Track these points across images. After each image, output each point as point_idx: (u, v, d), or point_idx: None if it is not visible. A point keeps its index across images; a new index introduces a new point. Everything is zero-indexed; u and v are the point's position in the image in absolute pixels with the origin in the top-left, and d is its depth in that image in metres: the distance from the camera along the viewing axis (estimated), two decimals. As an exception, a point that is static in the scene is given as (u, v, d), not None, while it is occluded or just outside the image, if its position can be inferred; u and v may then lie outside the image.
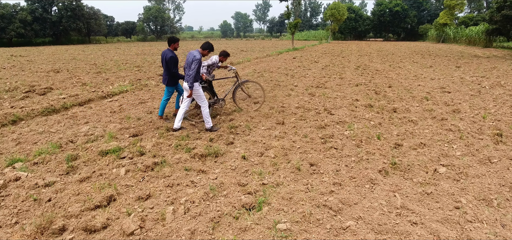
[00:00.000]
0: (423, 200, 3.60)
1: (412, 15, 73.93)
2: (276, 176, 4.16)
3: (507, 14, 32.99)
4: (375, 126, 6.34)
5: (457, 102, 8.26)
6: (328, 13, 53.88)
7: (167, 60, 5.97)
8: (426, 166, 4.47)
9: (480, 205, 3.47)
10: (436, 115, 7.03)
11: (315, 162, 4.56)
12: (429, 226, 3.06)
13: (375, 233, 2.99)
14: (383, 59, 21.38)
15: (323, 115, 7.10)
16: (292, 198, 3.58)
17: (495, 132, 5.77)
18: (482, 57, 22.59)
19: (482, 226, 3.08)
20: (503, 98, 8.79)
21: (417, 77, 12.98)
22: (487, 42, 39.59)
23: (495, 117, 6.89)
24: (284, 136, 5.78)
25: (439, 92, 9.68)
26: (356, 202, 3.51)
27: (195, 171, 4.30)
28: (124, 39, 67.50)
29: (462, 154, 4.92)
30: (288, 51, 28.65)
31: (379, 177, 4.12)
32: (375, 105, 7.97)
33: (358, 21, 77.33)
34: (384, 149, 5.12)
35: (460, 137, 5.64)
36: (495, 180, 4.06)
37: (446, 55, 24.09)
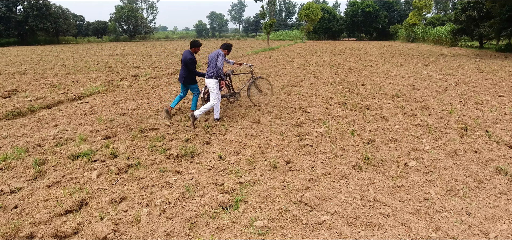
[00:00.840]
0: (394, 193, 3.72)
1: (383, 15, 76.26)
2: (252, 174, 4.17)
3: (471, 15, 34.69)
4: (349, 123, 6.49)
5: (426, 99, 8.61)
6: (303, 13, 54.58)
7: (187, 61, 6.40)
8: (397, 160, 4.63)
9: (447, 196, 3.63)
10: (406, 111, 7.29)
11: (291, 159, 4.61)
12: (401, 217, 3.17)
13: (350, 226, 3.06)
14: (356, 58, 21.92)
15: (299, 113, 7.19)
16: (269, 196, 3.60)
17: (460, 126, 6.05)
18: (449, 56, 23.64)
19: (449, 216, 3.22)
20: (468, 94, 9.24)
21: (388, 75, 13.41)
22: (453, 42, 41.43)
23: (461, 112, 7.24)
24: (261, 134, 5.81)
25: (409, 90, 10.04)
26: (331, 197, 3.59)
27: (170, 172, 4.24)
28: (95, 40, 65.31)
29: (431, 147, 5.14)
30: (264, 51, 28.80)
31: (353, 172, 4.22)
32: (349, 103, 8.16)
33: (332, 21, 78.88)
34: (357, 145, 5.25)
35: (428, 132, 5.88)
36: (461, 171, 4.26)
37: (415, 54, 25.03)
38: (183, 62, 6.50)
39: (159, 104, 8.02)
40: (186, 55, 6.45)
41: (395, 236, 2.89)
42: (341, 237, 2.88)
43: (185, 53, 6.52)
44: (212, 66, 6.22)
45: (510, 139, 5.37)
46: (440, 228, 2.98)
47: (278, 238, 2.89)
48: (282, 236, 2.92)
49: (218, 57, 6.22)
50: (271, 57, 21.98)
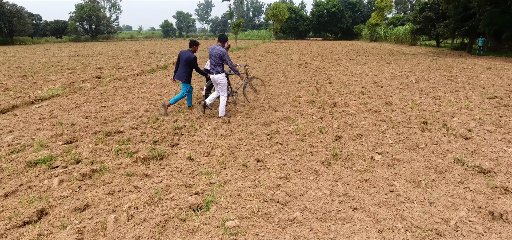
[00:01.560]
0: (362, 187, 3.84)
1: (347, 16, 78.67)
2: (223, 175, 4.13)
3: (428, 16, 36.64)
4: (317, 120, 6.61)
5: (389, 95, 8.97)
6: (270, 13, 55.07)
7: (192, 60, 6.62)
8: (364, 155, 4.78)
9: (411, 187, 3.80)
10: (371, 108, 7.55)
11: (261, 158, 4.62)
12: (368, 210, 3.27)
13: (320, 221, 3.12)
14: (322, 57, 22.42)
15: (268, 112, 7.23)
16: (240, 195, 3.58)
17: (421, 121, 6.36)
18: (409, 54, 24.83)
19: (413, 206, 3.37)
20: (427, 90, 9.75)
21: (354, 73, 13.84)
22: (412, 41, 43.57)
23: (421, 107, 7.61)
24: (231, 134, 5.77)
25: (373, 87, 10.42)
26: (301, 194, 3.63)
27: (138, 175, 4.10)
28: (54, 40, 61.79)
29: (395, 142, 5.35)
30: (232, 51, 28.72)
31: (322, 168, 4.30)
32: (317, 100, 8.33)
33: (299, 21, 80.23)
34: (326, 142, 5.36)
35: (392, 127, 6.12)
36: (423, 163, 4.48)
37: (378, 53, 26.05)
38: (186, 62, 6.65)
39: (125, 106, 7.74)
40: (189, 55, 6.65)
41: (364, 228, 2.98)
42: (312, 233, 2.93)
43: (187, 53, 6.68)
44: (215, 62, 6.45)
45: (466, 131, 5.72)
46: (405, 218, 3.11)
47: (250, 237, 2.88)
48: (254, 235, 2.91)
49: (223, 56, 6.39)
50: (240, 57, 21.97)
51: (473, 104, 7.87)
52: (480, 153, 4.82)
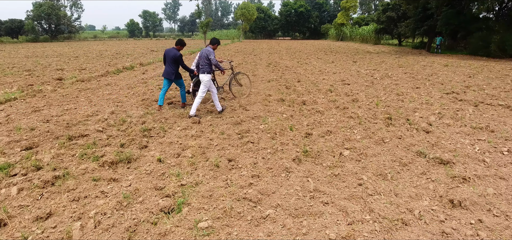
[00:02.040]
0: (332, 182, 3.94)
1: (314, 15, 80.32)
2: (194, 175, 4.08)
3: (390, 16, 38.20)
4: (287, 118, 6.70)
5: (355, 93, 9.27)
6: (239, 12, 55.07)
7: (178, 58, 6.92)
8: (333, 151, 4.90)
9: (377, 180, 3.95)
10: (339, 105, 7.76)
11: (233, 157, 4.61)
12: (338, 204, 3.36)
13: (293, 217, 3.16)
14: (291, 56, 22.73)
15: (239, 111, 7.22)
16: (212, 195, 3.55)
17: (386, 116, 6.62)
18: (373, 53, 25.77)
19: (380, 198, 3.50)
20: (391, 87, 10.17)
21: (322, 72, 14.16)
22: (376, 40, 45.27)
23: (385, 103, 7.93)
24: (201, 134, 5.71)
25: (341, 85, 10.71)
26: (274, 191, 3.66)
27: (105, 180, 3.95)
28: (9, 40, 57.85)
29: (362, 137, 5.54)
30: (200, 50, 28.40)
31: (293, 165, 4.37)
32: (287, 99, 8.43)
33: (267, 21, 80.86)
34: (296, 139, 5.44)
35: (359, 123, 6.33)
36: (388, 157, 4.67)
37: (345, 52, 26.82)
38: (173, 60, 6.93)
39: (89, 109, 7.43)
40: (175, 53, 6.93)
41: (334, 222, 3.06)
42: (285, 229, 2.96)
43: (173, 51, 6.96)
44: (204, 62, 6.65)
45: (427, 126, 6.03)
46: (373, 210, 3.23)
47: (224, 237, 2.86)
48: (227, 234, 2.90)
49: (209, 55, 6.60)
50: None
51: (433, 99, 8.31)
52: (440, 145, 5.10)
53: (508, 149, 4.89)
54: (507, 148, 4.91)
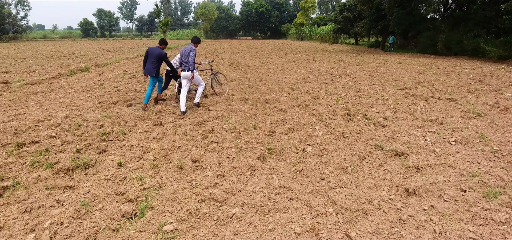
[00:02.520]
0: (296, 177, 4.02)
1: (275, 15, 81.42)
2: (158, 178, 3.97)
3: (347, 16, 39.70)
4: (251, 117, 6.74)
5: (316, 90, 9.53)
6: (199, 12, 54.49)
7: (163, 56, 7.20)
8: (296, 147, 5.01)
9: (339, 174, 4.10)
10: (301, 102, 7.94)
11: (197, 158, 4.55)
12: (303, 199, 3.45)
13: (259, 214, 3.19)
14: (253, 56, 22.87)
15: (202, 112, 7.14)
16: (177, 198, 3.49)
17: (345, 112, 6.89)
18: (332, 52, 26.65)
19: (342, 190, 3.64)
20: (349, 84, 10.58)
21: (283, 70, 14.39)
22: (334, 39, 46.85)
23: (345, 100, 8.24)
24: (163, 136, 5.57)
25: (302, 83, 10.96)
26: (239, 190, 3.67)
27: (60, 188, 3.72)
28: None
29: (323, 133, 5.71)
30: (161, 51, 27.67)
31: (258, 163, 4.40)
32: (250, 98, 8.47)
33: (228, 20, 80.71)
34: (260, 137, 5.49)
35: (320, 119, 6.52)
36: (348, 151, 4.86)
37: (305, 51, 27.47)
38: (157, 57, 7.19)
39: (40, 113, 6.95)
40: (160, 52, 7.23)
41: (299, 216, 3.13)
42: (252, 226, 2.98)
43: (157, 50, 7.24)
44: (186, 59, 7.01)
45: (383, 120, 6.35)
46: (336, 203, 3.34)
47: (190, 239, 2.82)
48: (193, 236, 2.86)
49: (190, 52, 6.98)
50: (170, 57, 21.26)
51: (388, 95, 8.77)
52: (395, 138, 5.39)
53: (455, 139, 5.28)
54: (454, 138, 5.30)
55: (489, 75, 12.08)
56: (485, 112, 6.82)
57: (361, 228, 2.93)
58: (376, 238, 2.80)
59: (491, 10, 20.31)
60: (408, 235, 2.82)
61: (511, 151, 4.71)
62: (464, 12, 23.75)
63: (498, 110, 7.05)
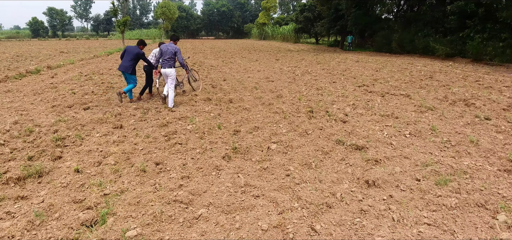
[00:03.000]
0: (261, 175, 4.06)
1: (237, 15, 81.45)
2: (119, 183, 3.82)
3: (307, 16, 40.63)
4: (215, 117, 6.69)
5: (279, 89, 9.67)
6: (159, 11, 53.07)
7: (141, 54, 7.57)
8: (261, 146, 5.05)
9: (303, 169, 4.19)
10: (264, 101, 8.01)
11: (160, 161, 4.44)
12: (269, 196, 3.48)
13: (225, 213, 3.18)
14: (216, 55, 22.72)
15: (164, 113, 6.98)
16: (140, 202, 3.38)
17: (308, 110, 7.06)
18: (294, 51, 27.17)
19: (306, 186, 3.73)
20: (311, 82, 10.85)
21: (247, 70, 14.44)
22: (296, 39, 47.81)
23: (307, 98, 8.44)
24: (124, 139, 5.37)
25: (265, 82, 11.07)
26: (205, 190, 3.63)
27: (11, 199, 3.46)
28: None
29: (287, 130, 5.81)
30: (119, 51, 26.60)
31: (223, 163, 4.38)
32: (213, 98, 8.41)
33: (190, 20, 79.44)
34: (225, 137, 5.47)
35: (284, 117, 6.62)
36: (312, 147, 4.98)
37: (268, 50, 27.75)
38: (135, 55, 7.51)
39: (-15, 119, 6.41)
40: (139, 51, 7.57)
41: (266, 213, 3.16)
42: (219, 226, 2.96)
43: (136, 49, 7.57)
44: (169, 57, 7.36)
45: (344, 116, 6.58)
46: (301, 197, 3.42)
47: (155, 243, 2.75)
48: (159, 239, 2.79)
49: (177, 52, 7.39)
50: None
51: (348, 92, 9.11)
52: (355, 133, 5.61)
53: (409, 132, 5.61)
54: (408, 131, 5.63)
55: (438, 72, 12.96)
56: (435, 106, 7.30)
57: (325, 221, 3.02)
58: (339, 229, 2.90)
59: (439, 11, 21.76)
60: (369, 225, 2.95)
61: (459, 141, 5.09)
62: (414, 13, 25.25)
63: (447, 104, 7.59)
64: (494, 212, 3.12)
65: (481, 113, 6.57)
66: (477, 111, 6.84)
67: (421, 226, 2.91)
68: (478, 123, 6.07)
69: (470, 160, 4.38)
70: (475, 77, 11.41)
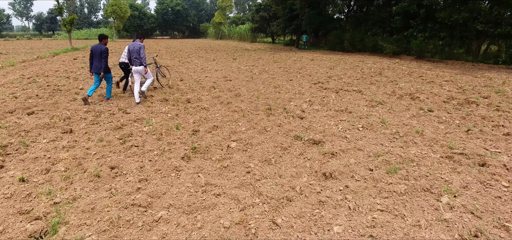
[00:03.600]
0: (222, 173, 4.05)
1: (192, 14, 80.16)
2: (71, 190, 3.60)
3: (263, 16, 41.10)
4: (173, 118, 6.54)
5: (238, 88, 9.69)
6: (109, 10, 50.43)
7: (104, 52, 7.48)
8: (221, 144, 5.03)
9: (263, 166, 4.25)
10: (223, 100, 7.99)
11: (116, 164, 4.25)
12: (230, 193, 3.49)
13: (186, 214, 3.13)
14: (172, 55, 22.19)
15: (119, 115, 6.69)
16: (95, 208, 3.21)
17: (266, 107, 7.15)
18: (251, 50, 27.35)
19: (267, 181, 3.79)
20: (268, 81, 11.01)
21: (204, 69, 14.28)
22: (253, 38, 48.15)
23: (265, 96, 8.55)
24: (75, 144, 5.06)
25: (223, 81, 11.03)
26: (164, 192, 3.55)
27: None
28: None
29: (246, 128, 5.84)
30: (66, 52, 24.94)
31: (182, 164, 4.31)
32: (170, 98, 8.22)
33: (143, 19, 76.65)
34: (183, 137, 5.37)
35: (243, 115, 6.65)
36: (271, 144, 5.06)
37: (224, 50, 27.66)
38: (99, 54, 7.44)
39: None
40: (101, 48, 7.48)
41: (228, 211, 3.16)
42: (180, 227, 2.91)
43: (100, 47, 7.48)
44: (137, 55, 7.53)
45: (301, 112, 6.77)
46: (262, 193, 3.46)
47: (112, 249, 2.63)
48: (116, 246, 2.67)
49: (140, 49, 7.54)
50: (77, 59, 19.37)
51: (304, 89, 9.37)
52: (312, 128, 5.80)
53: (362, 125, 5.91)
54: (361, 125, 5.93)
55: (387, 69, 13.78)
56: (384, 100, 7.77)
57: (286, 214, 3.09)
58: (300, 221, 2.99)
59: (385, 12, 23.13)
60: (328, 215, 3.07)
61: (406, 132, 5.46)
62: (364, 13, 26.63)
63: (395, 98, 8.10)
64: (438, 195, 3.40)
65: (425, 106, 7.11)
66: (421, 104, 7.38)
67: (375, 213, 3.09)
68: (423, 115, 6.56)
69: (416, 149, 4.72)
70: (419, 73, 12.30)
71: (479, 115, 6.47)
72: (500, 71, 12.97)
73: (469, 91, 8.67)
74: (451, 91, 8.76)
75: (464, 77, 11.33)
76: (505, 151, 4.60)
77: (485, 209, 3.13)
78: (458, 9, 17.16)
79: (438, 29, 18.43)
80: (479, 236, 2.73)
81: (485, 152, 4.53)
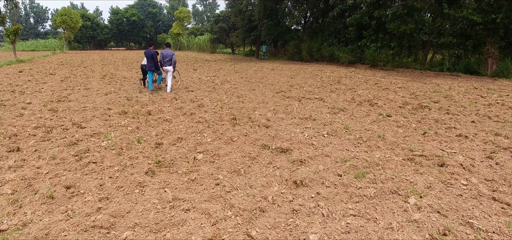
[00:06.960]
0: (190, 187, 3.87)
1: (149, 25, 78.08)
2: (20, 215, 3.23)
3: (222, 27, 41.17)
4: (133, 131, 6.21)
5: (200, 99, 9.49)
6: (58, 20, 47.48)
7: (154, 54, 10.53)
8: (187, 157, 4.84)
9: (233, 177, 4.13)
10: (186, 112, 7.76)
11: (72, 184, 3.90)
12: (200, 207, 3.33)
13: (154, 232, 2.92)
14: (128, 67, 21.35)
15: (73, 130, 6.21)
16: (50, 233, 2.89)
17: (231, 117, 7.04)
18: (211, 61, 27.14)
19: (238, 192, 3.67)
20: (231, 91, 10.92)
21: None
22: (212, 49, 47.92)
23: (229, 106, 8.44)
24: (23, 164, 4.59)
25: (185, 92, 10.77)
26: (128, 210, 3.30)
27: None
28: None
29: (212, 139, 5.69)
30: (10, 64, 23.01)
31: (147, 179, 4.06)
32: (129, 111, 7.82)
33: (96, 29, 73.22)
34: (146, 151, 5.10)
35: (208, 126, 6.49)
36: (239, 154, 4.96)
37: (184, 61, 27.18)
38: (151, 56, 10.45)
39: None
40: (152, 52, 10.50)
41: (199, 226, 3.00)
42: (148, 248, 2.70)
43: (151, 51, 10.51)
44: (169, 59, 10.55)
45: (266, 121, 6.75)
46: (233, 205, 3.34)
47: (72, 278, 2.37)
48: (76, 274, 2.41)
49: (173, 55, 10.65)
50: (23, 71, 17.90)
51: (267, 99, 9.41)
52: (279, 136, 5.78)
53: (327, 132, 6.01)
54: (326, 131, 6.03)
55: (344, 77, 14.32)
56: (346, 107, 8.01)
57: (260, 225, 3.00)
58: (275, 232, 2.91)
59: (340, 23, 24.16)
60: (302, 223, 3.03)
61: (369, 137, 5.63)
62: (320, 24, 27.59)
63: (355, 104, 8.39)
64: (406, 196, 3.50)
65: (383, 111, 7.43)
66: (379, 110, 7.70)
67: (348, 218, 3.10)
68: (382, 120, 6.84)
69: (380, 153, 4.87)
70: (374, 81, 12.92)
71: (432, 118, 6.88)
72: (445, 78, 14.01)
73: (421, 97, 9.23)
74: (405, 97, 9.26)
75: (415, 83, 12.08)
76: (460, 151, 4.90)
77: (449, 207, 3.27)
78: (405, 20, 18.38)
79: (389, 39, 19.58)
80: (448, 234, 2.83)
81: (442, 153, 4.78)
